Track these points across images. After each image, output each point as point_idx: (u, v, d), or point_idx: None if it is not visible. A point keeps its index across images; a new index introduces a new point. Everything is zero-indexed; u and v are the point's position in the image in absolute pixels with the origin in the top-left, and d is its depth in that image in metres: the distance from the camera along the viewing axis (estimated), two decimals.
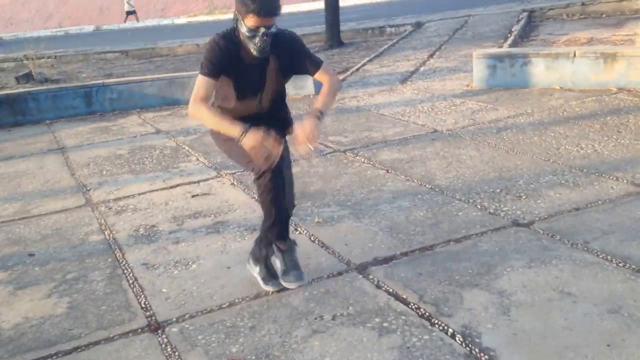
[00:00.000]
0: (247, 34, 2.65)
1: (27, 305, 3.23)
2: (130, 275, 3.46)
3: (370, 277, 3.15)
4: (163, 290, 3.25)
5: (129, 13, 29.18)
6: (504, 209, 3.85)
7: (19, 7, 39.77)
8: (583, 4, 12.98)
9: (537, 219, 3.64)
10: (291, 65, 2.91)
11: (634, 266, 2.96)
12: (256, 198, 4.44)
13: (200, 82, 2.78)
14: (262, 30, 2.64)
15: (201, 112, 2.76)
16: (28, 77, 12.62)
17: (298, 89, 8.32)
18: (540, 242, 3.33)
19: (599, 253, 3.13)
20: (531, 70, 7.20)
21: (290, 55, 2.88)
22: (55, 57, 16.17)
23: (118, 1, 37.41)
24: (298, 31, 2.73)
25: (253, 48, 2.70)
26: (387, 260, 3.31)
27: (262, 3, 2.57)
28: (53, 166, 6.06)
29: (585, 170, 4.36)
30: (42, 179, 5.64)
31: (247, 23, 2.63)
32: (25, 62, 14.09)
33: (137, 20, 29.55)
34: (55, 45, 18.51)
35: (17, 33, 32.19)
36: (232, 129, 2.68)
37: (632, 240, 3.22)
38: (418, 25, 13.93)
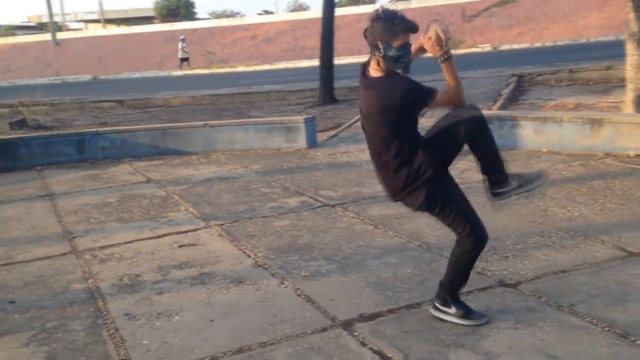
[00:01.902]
0: (397, 53, 2.81)
1: (4, 354, 3.16)
2: (112, 325, 3.40)
3: (356, 334, 3.11)
4: (144, 342, 3.18)
5: (183, 60, 29.73)
6: (491, 268, 3.85)
7: (17, 55, 40.35)
8: (571, 70, 13.35)
9: (523, 279, 3.64)
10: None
11: (619, 331, 2.94)
12: (243, 250, 4.44)
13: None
14: (410, 45, 2.85)
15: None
16: (22, 124, 12.70)
17: (290, 142, 8.41)
18: (527, 304, 3.32)
19: (584, 316, 3.12)
20: (520, 132, 7.33)
21: None
22: (51, 104, 16.32)
23: (116, 51, 38.09)
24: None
25: (401, 67, 2.85)
26: (373, 316, 3.28)
27: (407, 21, 2.83)
28: (40, 212, 6.03)
29: (571, 232, 4.39)
30: (29, 225, 5.60)
31: (396, 44, 2.80)
32: (20, 108, 14.19)
33: (189, 65, 30.13)
34: (52, 93, 18.73)
35: (15, 80, 32.57)
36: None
37: (617, 305, 3.21)
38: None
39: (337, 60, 16.80)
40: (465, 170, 6.49)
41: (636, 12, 7.40)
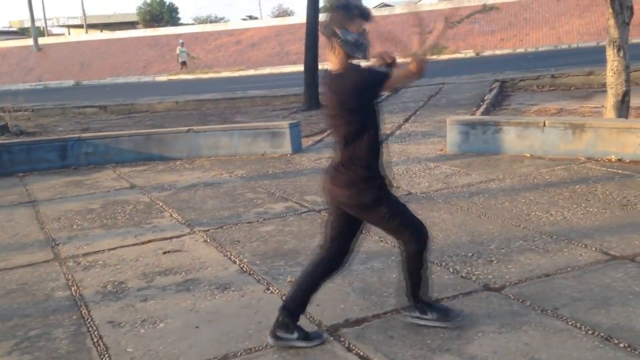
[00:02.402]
0: (355, 37, 2.84)
1: None
2: (95, 333, 3.37)
3: (342, 339, 3.11)
4: (128, 349, 3.16)
5: (183, 63, 30.10)
6: (475, 272, 3.87)
7: None
8: (553, 76, 13.51)
9: (507, 283, 3.67)
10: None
11: (602, 334, 2.97)
12: (228, 256, 4.42)
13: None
14: (366, 32, 2.88)
15: None
16: (3, 130, 12.57)
17: (275, 147, 8.41)
18: (511, 308, 3.34)
19: (568, 320, 3.14)
20: (503, 137, 7.40)
21: None
22: (33, 110, 16.18)
23: (99, 56, 37.83)
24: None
25: (361, 51, 2.87)
26: (358, 322, 3.28)
27: (363, 7, 2.92)
28: (23, 219, 5.96)
29: (554, 236, 4.43)
30: (11, 232, 5.53)
31: (353, 28, 2.85)
32: (1, 114, 14.03)
33: (187, 68, 30.56)
34: (34, 98, 18.55)
35: None
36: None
37: (601, 308, 3.24)
38: (394, 90, 14.29)
39: (322, 66, 16.84)
40: (450, 175, 6.54)
41: (616, 19, 7.51)
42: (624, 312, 3.19)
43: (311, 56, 13.00)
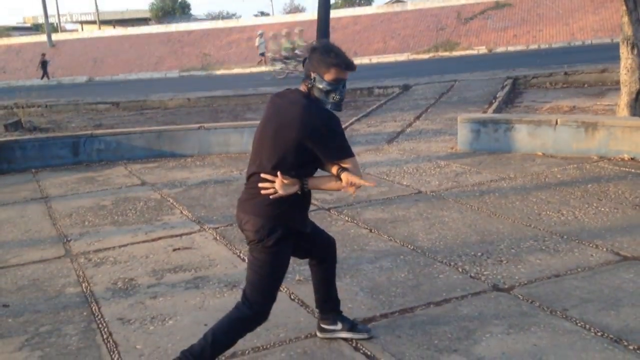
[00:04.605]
0: (327, 87, 2.62)
1: None
2: (105, 330, 3.40)
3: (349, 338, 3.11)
4: (137, 346, 3.18)
5: (262, 55, 29.46)
6: (484, 272, 3.86)
7: (12, 56, 40.21)
8: (566, 73, 13.39)
9: (517, 284, 3.65)
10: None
11: (611, 335, 2.95)
12: (238, 253, 4.43)
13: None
14: (343, 82, 2.66)
15: None
16: (17, 125, 12.67)
17: None
18: (520, 308, 3.33)
19: (577, 321, 3.13)
20: (514, 136, 7.35)
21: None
22: (46, 106, 16.28)
23: (111, 53, 38.00)
24: None
25: (330, 103, 2.65)
26: (366, 321, 3.28)
27: (343, 57, 2.64)
28: (35, 215, 6.01)
29: (565, 236, 4.40)
30: (23, 228, 5.59)
31: (328, 77, 2.62)
32: (15, 110, 14.15)
33: (266, 63, 29.73)
34: (47, 94, 18.66)
35: (10, 81, 32.49)
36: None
37: (610, 309, 3.22)
38: (406, 88, 14.25)
39: None
40: (460, 173, 6.51)
41: (630, 16, 7.43)
42: (634, 313, 3.17)
43: None
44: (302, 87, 2.71)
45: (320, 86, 2.63)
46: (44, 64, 32.13)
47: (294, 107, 2.64)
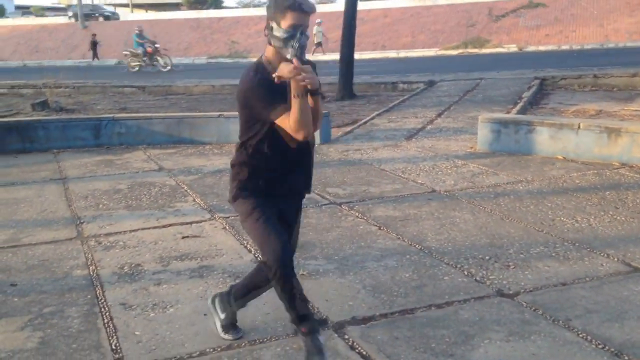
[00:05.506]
0: (284, 35, 2.48)
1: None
2: (107, 314, 3.44)
3: (346, 337, 3.10)
4: (136, 332, 3.21)
5: (319, 44, 29.10)
6: (490, 277, 3.81)
7: (45, 36, 40.80)
8: (595, 76, 13.12)
9: (522, 290, 3.60)
10: None
11: (613, 349, 2.89)
12: (245, 244, 4.44)
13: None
14: (300, 29, 2.48)
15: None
16: (44, 105, 12.87)
17: None
18: (522, 315, 3.28)
19: (579, 332, 3.07)
20: (535, 138, 7.23)
21: None
22: (74, 87, 16.50)
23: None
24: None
25: (291, 52, 2.47)
26: (365, 320, 3.27)
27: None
28: (52, 196, 6.10)
29: (577, 244, 4.31)
30: (39, 208, 5.67)
31: (284, 24, 2.48)
32: (43, 89, 14.36)
33: (323, 51, 29.27)
34: (76, 75, 18.92)
35: (42, 61, 32.99)
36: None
37: (615, 322, 3.16)
38: (430, 84, 14.12)
39: (361, 55, 16.76)
40: (477, 174, 6.43)
41: None
42: (639, 327, 3.10)
43: (347, 46, 12.89)
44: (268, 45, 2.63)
45: (278, 34, 2.50)
46: (94, 45, 32.38)
47: None
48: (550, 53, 24.05)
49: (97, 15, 45.45)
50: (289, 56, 2.48)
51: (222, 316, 3.10)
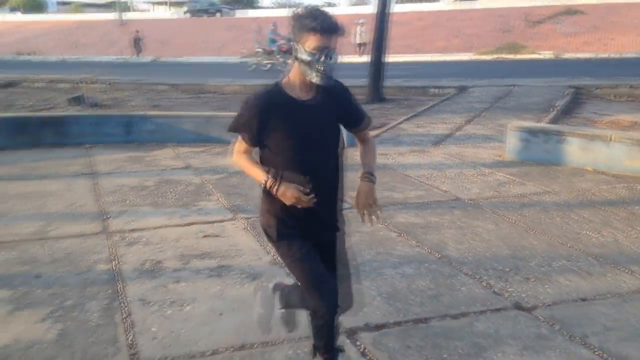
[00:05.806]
0: (307, 58, 2.36)
1: (21, 327, 3.30)
2: (125, 309, 3.50)
3: (358, 343, 3.10)
4: (152, 329, 3.27)
5: (360, 45, 28.65)
6: (509, 289, 3.76)
7: (85, 32, 41.65)
8: (632, 86, 12.85)
9: (540, 304, 3.55)
10: (340, 116, 2.69)
11: None
12: (264, 246, 4.47)
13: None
14: (326, 51, 2.36)
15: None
16: (79, 100, 13.17)
17: None
18: (538, 330, 3.23)
19: (595, 349, 3.01)
20: (565, 148, 7.11)
21: (339, 105, 2.62)
22: (109, 83, 16.83)
23: (178, 34, 38.82)
24: (343, 82, 2.64)
25: (315, 75, 2.40)
26: (378, 327, 3.27)
27: (323, 18, 2.35)
28: (81, 190, 6.24)
29: (601, 259, 4.23)
30: (68, 202, 5.81)
31: (308, 46, 2.36)
32: (79, 85, 14.70)
33: (365, 54, 28.66)
34: (112, 72, 19.28)
35: (80, 56, 33.69)
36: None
37: (633, 340, 3.09)
38: (462, 89, 14.00)
39: (394, 58, 16.66)
40: (503, 183, 6.35)
41: None
42: None
43: (377, 49, 12.87)
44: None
45: (302, 57, 2.38)
46: (136, 41, 32.96)
47: None
48: (587, 61, 23.58)
49: (213, 11, 44.82)
50: (313, 80, 2.42)
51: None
